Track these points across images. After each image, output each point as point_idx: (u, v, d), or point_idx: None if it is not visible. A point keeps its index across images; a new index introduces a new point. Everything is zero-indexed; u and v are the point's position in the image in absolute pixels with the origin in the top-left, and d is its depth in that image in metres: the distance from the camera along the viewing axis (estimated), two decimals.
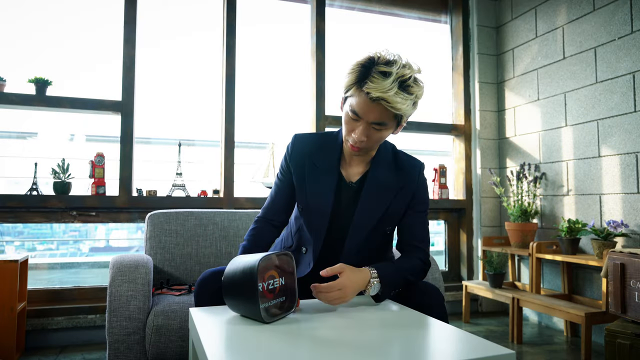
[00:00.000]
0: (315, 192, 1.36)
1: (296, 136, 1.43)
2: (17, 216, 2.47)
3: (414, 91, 1.19)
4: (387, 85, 1.15)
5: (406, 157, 1.42)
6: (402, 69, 1.17)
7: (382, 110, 1.19)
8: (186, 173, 2.73)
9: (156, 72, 2.84)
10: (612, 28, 2.50)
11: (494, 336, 2.62)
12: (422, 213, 1.40)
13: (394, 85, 1.16)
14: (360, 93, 1.19)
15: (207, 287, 1.29)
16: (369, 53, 1.22)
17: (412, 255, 1.34)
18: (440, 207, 3.21)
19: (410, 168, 1.39)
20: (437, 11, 3.45)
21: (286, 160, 1.42)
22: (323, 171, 1.36)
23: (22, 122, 2.71)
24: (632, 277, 1.83)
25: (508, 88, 3.24)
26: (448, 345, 0.95)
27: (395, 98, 1.16)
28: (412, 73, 1.19)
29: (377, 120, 1.21)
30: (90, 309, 2.43)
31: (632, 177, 2.37)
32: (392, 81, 1.15)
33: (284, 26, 3.15)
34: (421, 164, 1.43)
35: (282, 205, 1.45)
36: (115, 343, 1.54)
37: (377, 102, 1.17)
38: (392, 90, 1.15)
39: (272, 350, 0.90)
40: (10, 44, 2.63)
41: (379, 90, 1.15)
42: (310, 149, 1.39)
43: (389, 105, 1.17)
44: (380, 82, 1.15)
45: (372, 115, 1.20)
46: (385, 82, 1.15)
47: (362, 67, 1.20)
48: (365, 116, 1.21)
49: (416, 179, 1.38)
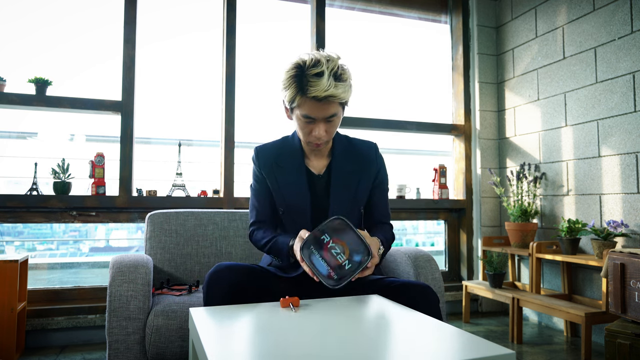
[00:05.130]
0: (291, 192, 1.46)
1: (257, 148, 1.56)
2: (17, 216, 2.47)
3: (346, 77, 1.32)
4: (325, 83, 1.27)
5: (360, 142, 1.56)
6: (329, 63, 1.29)
7: (332, 104, 1.32)
8: (186, 173, 2.73)
9: (156, 72, 2.84)
10: (612, 28, 2.50)
11: (494, 336, 2.62)
12: (385, 190, 1.57)
13: (331, 80, 1.28)
14: (306, 99, 1.31)
15: (221, 282, 1.31)
16: (291, 62, 1.33)
17: (385, 229, 1.52)
18: (440, 207, 3.21)
19: (367, 150, 1.54)
20: (437, 11, 3.45)
21: (258, 169, 1.53)
22: (292, 171, 1.48)
23: (22, 122, 2.71)
24: (632, 277, 1.83)
25: (508, 88, 3.24)
26: (448, 345, 0.95)
27: (337, 90, 1.28)
28: (338, 62, 1.32)
29: (330, 114, 1.34)
30: (90, 309, 2.43)
31: (632, 177, 2.37)
32: (327, 77, 1.27)
33: (284, 26, 3.15)
34: (374, 144, 1.57)
35: (268, 205, 1.53)
36: (115, 343, 1.54)
37: (325, 100, 1.29)
38: (331, 85, 1.27)
39: (272, 349, 0.90)
40: (10, 44, 2.63)
41: (322, 91, 1.27)
42: (274, 156, 1.51)
43: (336, 99, 1.30)
44: (318, 83, 1.27)
45: (325, 112, 1.33)
46: (322, 81, 1.27)
47: (295, 77, 1.31)
48: (319, 116, 1.33)
49: (375, 158, 1.53)
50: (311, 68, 1.28)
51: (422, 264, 1.79)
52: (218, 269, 1.33)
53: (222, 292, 1.29)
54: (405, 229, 4.21)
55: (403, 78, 3.37)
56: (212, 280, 1.31)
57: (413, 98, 3.38)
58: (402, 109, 3.30)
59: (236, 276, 1.32)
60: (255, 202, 1.54)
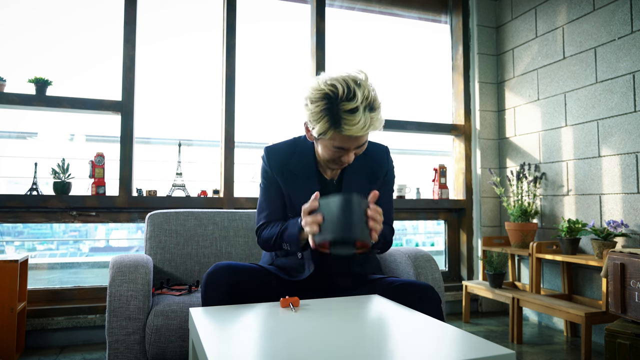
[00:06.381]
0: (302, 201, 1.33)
1: (267, 148, 1.48)
2: (17, 216, 2.47)
3: (378, 104, 1.24)
4: (361, 120, 1.19)
5: (372, 145, 1.51)
6: (363, 94, 1.19)
7: (366, 135, 1.27)
8: (186, 173, 2.73)
9: (156, 72, 2.84)
10: (612, 28, 2.50)
11: (494, 336, 2.62)
12: (390, 190, 1.54)
13: (367, 116, 1.20)
14: (341, 135, 1.23)
15: (219, 283, 1.29)
16: (321, 90, 1.21)
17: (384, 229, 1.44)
18: (440, 207, 3.21)
19: (379, 153, 1.51)
20: (437, 11, 3.45)
21: (268, 168, 1.46)
22: (303, 177, 1.42)
23: (22, 122, 2.71)
24: (632, 277, 1.83)
25: (508, 88, 3.24)
26: (448, 345, 0.95)
27: (374, 124, 1.23)
28: (368, 87, 1.22)
29: (363, 142, 1.29)
30: (90, 309, 2.43)
31: (632, 177, 2.37)
32: (363, 112, 1.19)
33: (284, 26, 3.15)
34: (386, 147, 1.54)
35: (280, 205, 1.47)
36: (115, 343, 1.54)
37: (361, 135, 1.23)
38: (367, 120, 1.20)
39: (272, 350, 0.90)
40: (10, 43, 2.63)
41: (359, 129, 1.20)
42: (285, 159, 1.45)
43: (370, 131, 1.25)
44: (354, 121, 1.18)
45: (359, 142, 1.27)
46: (359, 118, 1.18)
47: (328, 111, 1.20)
48: (352, 146, 1.27)
49: (386, 160, 1.51)
50: (344, 102, 1.18)
51: (422, 264, 1.79)
52: (216, 268, 1.31)
53: (220, 292, 1.28)
54: (405, 229, 4.21)
55: (403, 78, 3.37)
56: (209, 280, 1.30)
57: (413, 98, 3.38)
58: (402, 109, 3.30)
59: (234, 276, 1.30)
60: (265, 203, 1.48)
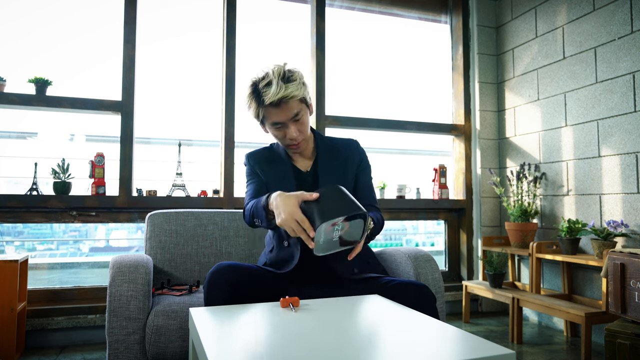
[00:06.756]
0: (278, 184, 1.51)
1: (247, 154, 1.66)
2: (17, 216, 2.47)
3: (295, 77, 1.43)
4: (275, 87, 1.38)
5: (341, 139, 1.66)
6: (275, 71, 1.42)
7: (290, 104, 1.42)
8: (186, 173, 2.73)
9: (156, 72, 2.84)
10: (612, 28, 2.50)
11: (494, 336, 2.62)
12: (369, 175, 1.64)
13: (280, 84, 1.39)
14: (268, 108, 1.43)
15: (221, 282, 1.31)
16: (249, 81, 1.47)
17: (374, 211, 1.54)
18: (440, 207, 3.21)
19: (349, 144, 1.63)
20: (437, 11, 3.45)
21: (250, 167, 1.62)
22: (279, 169, 1.57)
23: (22, 122, 2.71)
24: (632, 277, 1.83)
25: (508, 88, 3.24)
26: (448, 345, 0.95)
27: (288, 90, 1.39)
28: (284, 67, 1.44)
29: (294, 113, 1.43)
30: (90, 309, 2.43)
31: (632, 177, 2.37)
32: (277, 83, 1.39)
33: (284, 26, 3.15)
34: (355, 140, 1.66)
35: (264, 189, 1.56)
36: (115, 343, 1.54)
37: (281, 102, 1.40)
38: (281, 88, 1.38)
39: (272, 349, 0.90)
40: (10, 43, 2.63)
41: (275, 95, 1.38)
42: (263, 157, 1.62)
43: (289, 97, 1.40)
44: (270, 89, 1.39)
45: (288, 113, 1.42)
46: (272, 87, 1.39)
47: (253, 94, 1.45)
48: (284, 118, 1.43)
49: (357, 151, 1.62)
50: (262, 81, 1.42)
51: (422, 264, 1.79)
52: (219, 268, 1.34)
53: (223, 292, 1.30)
54: (405, 229, 4.22)
55: (403, 78, 3.37)
56: (212, 279, 1.32)
57: (413, 98, 3.38)
58: (402, 109, 3.30)
59: (237, 276, 1.33)
60: (250, 191, 1.58)
